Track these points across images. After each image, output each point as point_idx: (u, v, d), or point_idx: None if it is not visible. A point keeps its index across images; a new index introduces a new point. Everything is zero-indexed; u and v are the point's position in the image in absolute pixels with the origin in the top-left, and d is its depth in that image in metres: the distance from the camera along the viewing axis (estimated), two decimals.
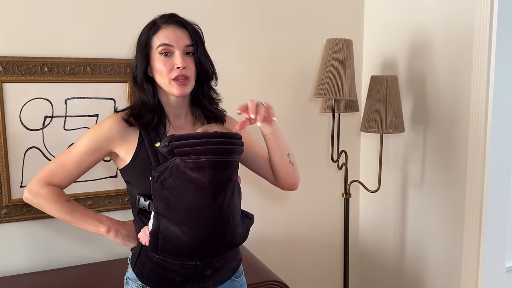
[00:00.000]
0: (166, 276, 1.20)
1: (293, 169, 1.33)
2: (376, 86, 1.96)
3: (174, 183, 1.12)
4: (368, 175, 2.42)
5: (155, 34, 1.20)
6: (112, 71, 1.85)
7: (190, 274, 1.20)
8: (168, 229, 1.13)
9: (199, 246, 1.15)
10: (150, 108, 1.21)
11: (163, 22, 1.21)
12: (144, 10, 1.90)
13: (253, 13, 2.12)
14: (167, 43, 1.18)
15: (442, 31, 1.94)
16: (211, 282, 1.24)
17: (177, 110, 1.27)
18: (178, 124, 1.28)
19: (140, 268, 1.23)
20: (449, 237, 1.96)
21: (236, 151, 1.18)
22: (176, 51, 1.18)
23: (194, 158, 1.11)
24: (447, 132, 1.95)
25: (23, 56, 1.72)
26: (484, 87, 1.75)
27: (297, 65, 2.24)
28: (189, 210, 1.12)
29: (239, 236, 1.22)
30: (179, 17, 1.22)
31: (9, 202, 1.75)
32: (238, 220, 1.22)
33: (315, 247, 2.41)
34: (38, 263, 1.84)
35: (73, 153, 1.21)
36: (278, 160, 1.28)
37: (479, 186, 1.80)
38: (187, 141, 1.12)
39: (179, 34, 1.19)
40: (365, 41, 2.40)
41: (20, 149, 1.75)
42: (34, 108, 1.76)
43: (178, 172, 1.12)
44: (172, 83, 1.18)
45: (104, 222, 1.22)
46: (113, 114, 1.25)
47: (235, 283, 1.32)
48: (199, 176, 1.11)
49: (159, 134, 1.21)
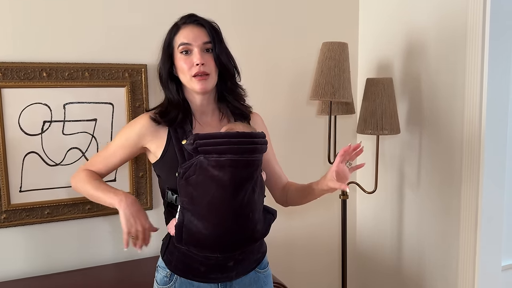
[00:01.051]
0: (191, 265, 1.27)
1: None
2: (371, 88, 1.99)
3: (198, 179, 1.18)
4: (364, 177, 2.44)
5: (176, 35, 1.28)
6: (111, 76, 1.86)
7: (213, 265, 1.26)
8: (191, 223, 1.19)
9: (219, 240, 1.20)
10: (175, 105, 1.29)
11: (183, 23, 1.29)
12: (142, 14, 1.92)
13: (248, 16, 2.13)
14: (186, 41, 1.25)
15: (436, 33, 1.96)
16: (234, 272, 1.29)
17: (203, 108, 1.33)
18: (205, 121, 1.34)
19: (169, 256, 1.31)
20: (446, 236, 1.98)
21: (258, 150, 1.23)
22: (194, 49, 1.25)
23: (216, 157, 1.16)
24: (442, 132, 1.97)
25: (22, 61, 1.73)
26: (478, 88, 1.77)
27: (293, 68, 2.26)
28: (211, 206, 1.18)
29: (259, 232, 1.27)
30: (197, 16, 1.29)
31: (8, 207, 1.75)
32: (258, 216, 1.26)
33: (313, 249, 2.42)
34: (38, 268, 1.84)
35: (110, 147, 1.35)
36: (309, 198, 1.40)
37: (474, 185, 1.82)
38: (210, 140, 1.18)
39: (197, 32, 1.26)
40: (360, 44, 2.42)
41: (19, 154, 1.76)
42: (33, 113, 1.76)
43: (202, 169, 1.17)
44: (192, 79, 1.25)
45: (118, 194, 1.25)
46: (144, 113, 1.34)
47: (259, 274, 1.36)
48: (221, 174, 1.17)
49: (186, 132, 1.27)
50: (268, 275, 1.41)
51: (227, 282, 1.31)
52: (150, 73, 1.93)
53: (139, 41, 1.92)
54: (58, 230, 1.86)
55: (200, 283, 1.29)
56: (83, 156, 1.86)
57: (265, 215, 1.30)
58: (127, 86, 1.89)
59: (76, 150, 1.84)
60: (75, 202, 1.85)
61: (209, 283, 1.29)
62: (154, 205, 1.99)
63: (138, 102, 1.92)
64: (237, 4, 2.10)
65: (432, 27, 1.97)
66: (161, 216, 1.38)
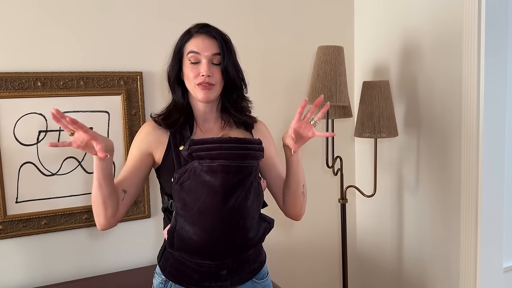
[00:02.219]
0: (185, 272, 1.27)
1: (302, 201, 1.37)
2: (368, 91, 1.98)
3: (191, 185, 1.18)
4: (363, 180, 2.43)
5: (188, 42, 1.29)
6: (106, 84, 1.86)
7: (206, 272, 1.26)
8: (183, 229, 1.19)
9: (209, 247, 1.20)
10: (179, 109, 1.32)
11: (196, 32, 1.29)
12: (136, 22, 1.91)
13: (245, 21, 2.13)
14: (196, 50, 1.26)
15: (431, 35, 1.96)
16: (228, 282, 1.28)
17: (206, 115, 1.34)
18: (207, 127, 1.35)
19: (164, 263, 1.31)
20: (446, 239, 1.97)
21: (250, 156, 1.21)
22: (203, 59, 1.26)
23: (208, 162, 1.17)
24: (440, 134, 1.97)
25: (16, 71, 1.72)
26: (475, 88, 1.77)
27: (289, 72, 2.26)
28: (202, 212, 1.18)
29: (252, 240, 1.24)
30: (210, 27, 1.30)
31: (4, 218, 1.74)
32: (251, 224, 1.23)
33: (313, 253, 2.41)
34: (36, 279, 1.82)
35: (128, 161, 1.32)
36: (294, 188, 1.33)
37: (473, 186, 1.81)
38: (203, 145, 1.18)
39: (208, 43, 1.27)
40: (356, 47, 2.42)
41: (14, 164, 1.74)
42: (28, 123, 1.75)
43: (195, 174, 1.18)
44: (196, 87, 1.26)
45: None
46: (149, 120, 1.35)
47: (256, 285, 1.34)
48: (212, 179, 1.17)
49: (184, 138, 1.28)
50: (267, 285, 1.38)
51: None
52: (146, 80, 1.93)
53: (134, 48, 1.92)
54: (55, 240, 1.84)
55: None
56: (79, 166, 1.84)
57: (260, 223, 1.27)
58: (123, 94, 1.88)
59: (73, 159, 1.83)
60: (72, 212, 1.84)
61: None
62: (152, 213, 1.98)
63: (134, 110, 1.91)
64: (233, 9, 2.10)
65: (428, 29, 1.97)
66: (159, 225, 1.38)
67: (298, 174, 1.31)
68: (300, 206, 1.37)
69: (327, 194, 2.41)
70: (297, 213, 1.39)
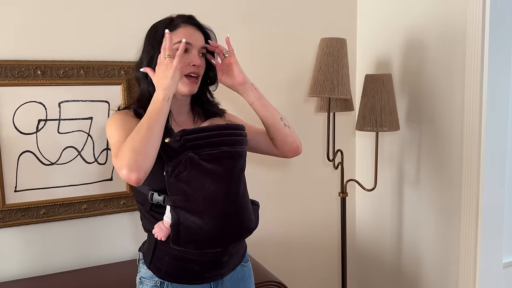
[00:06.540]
0: (185, 267, 1.24)
1: (290, 132, 1.38)
2: (370, 85, 1.97)
3: (190, 175, 1.16)
4: (364, 174, 2.42)
5: (173, 31, 1.23)
6: (106, 73, 1.84)
7: (209, 262, 1.25)
8: (188, 220, 1.16)
9: (220, 233, 1.19)
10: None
11: (183, 22, 1.26)
12: (137, 11, 1.89)
13: (246, 13, 2.11)
14: (188, 41, 1.22)
15: (435, 28, 1.94)
16: (226, 269, 1.29)
17: (180, 108, 1.32)
18: (181, 120, 1.32)
19: (157, 264, 1.25)
20: (446, 234, 1.97)
21: (245, 142, 1.26)
22: (193, 50, 1.24)
23: (208, 150, 1.16)
24: (442, 129, 1.95)
25: (16, 59, 1.71)
26: (478, 83, 1.76)
27: (291, 64, 2.24)
28: (207, 200, 1.17)
29: (254, 222, 1.28)
30: (197, 20, 1.29)
31: (3, 207, 1.73)
32: (250, 207, 1.28)
33: (312, 247, 2.41)
34: (34, 269, 1.82)
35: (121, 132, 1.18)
36: (272, 124, 1.34)
37: (474, 182, 1.80)
38: (200, 134, 1.17)
39: (197, 35, 1.27)
40: (358, 39, 2.40)
41: (13, 153, 1.73)
42: (28, 111, 1.74)
43: (193, 164, 1.16)
44: (183, 79, 1.23)
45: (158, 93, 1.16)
46: (117, 112, 1.28)
47: (244, 268, 1.38)
48: (215, 166, 1.17)
49: (168, 130, 1.20)
50: (250, 268, 1.42)
51: (218, 281, 1.29)
52: None
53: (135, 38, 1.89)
54: (54, 230, 1.84)
55: (193, 285, 1.26)
56: (79, 155, 1.83)
57: (252, 206, 1.32)
58: (123, 84, 1.87)
59: (72, 149, 1.82)
60: (71, 202, 1.83)
61: (201, 284, 1.27)
62: None
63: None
64: (234, 2, 2.08)
65: (432, 22, 1.96)
66: None
67: (268, 109, 1.34)
68: (291, 139, 1.38)
69: (328, 188, 2.40)
70: (293, 146, 1.39)
